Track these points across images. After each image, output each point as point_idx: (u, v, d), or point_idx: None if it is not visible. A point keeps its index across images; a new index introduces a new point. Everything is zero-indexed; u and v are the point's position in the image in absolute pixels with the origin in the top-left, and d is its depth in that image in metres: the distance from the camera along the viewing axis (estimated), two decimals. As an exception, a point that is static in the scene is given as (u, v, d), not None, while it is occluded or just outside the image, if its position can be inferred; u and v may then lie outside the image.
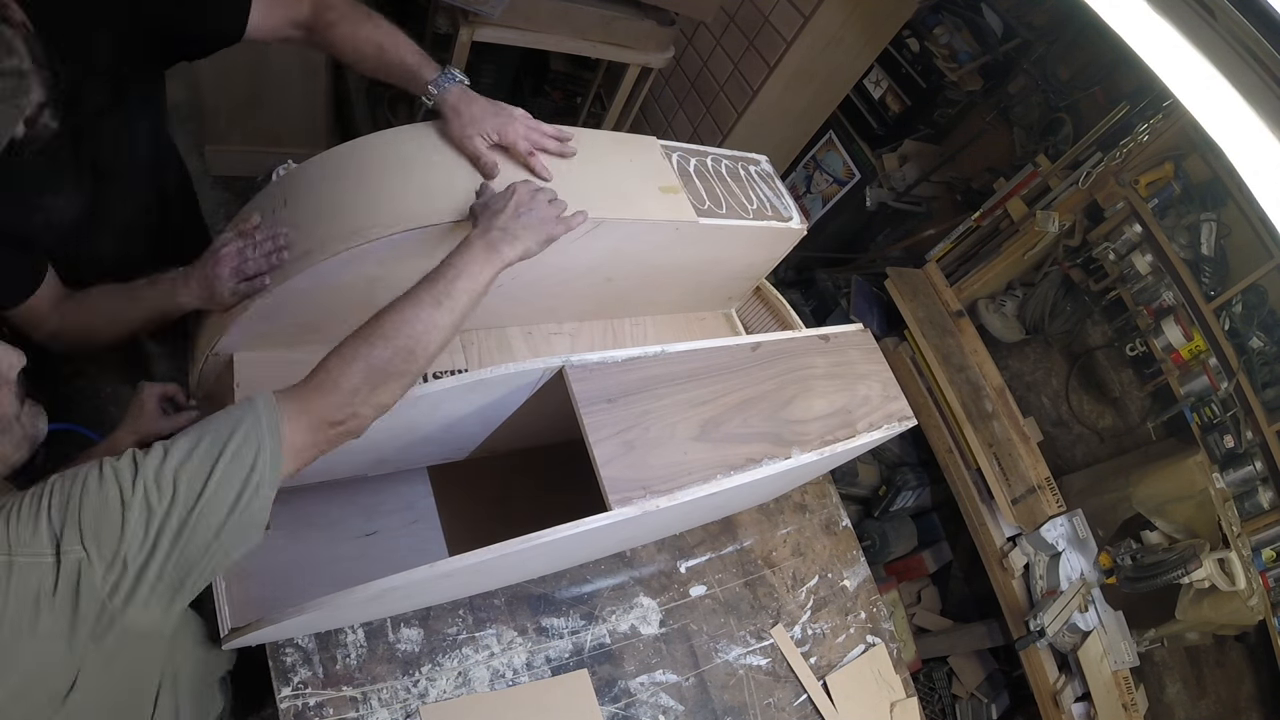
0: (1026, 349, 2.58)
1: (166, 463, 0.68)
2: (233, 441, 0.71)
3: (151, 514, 0.67)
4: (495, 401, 1.06)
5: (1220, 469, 1.99)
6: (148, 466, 0.68)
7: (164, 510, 0.67)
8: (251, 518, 0.72)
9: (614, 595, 1.36)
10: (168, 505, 0.67)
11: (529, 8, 2.17)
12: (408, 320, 0.82)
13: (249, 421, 0.73)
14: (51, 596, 0.63)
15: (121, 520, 0.65)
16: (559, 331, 1.42)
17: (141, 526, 0.66)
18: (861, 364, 1.39)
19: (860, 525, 2.53)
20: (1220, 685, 2.13)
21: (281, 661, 1.05)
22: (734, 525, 1.58)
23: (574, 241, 1.14)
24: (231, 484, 0.70)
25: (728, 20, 2.74)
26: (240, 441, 0.71)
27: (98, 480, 0.66)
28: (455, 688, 1.14)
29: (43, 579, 0.63)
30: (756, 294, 1.70)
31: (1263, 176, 0.86)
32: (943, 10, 2.78)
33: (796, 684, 1.46)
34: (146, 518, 0.67)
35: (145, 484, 0.67)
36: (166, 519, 0.67)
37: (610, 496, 0.94)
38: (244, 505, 0.71)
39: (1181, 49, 0.86)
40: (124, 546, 0.66)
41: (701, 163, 1.36)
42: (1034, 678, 2.17)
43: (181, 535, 0.68)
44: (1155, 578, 2.00)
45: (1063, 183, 2.42)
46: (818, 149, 3.14)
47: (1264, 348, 2.00)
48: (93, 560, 0.64)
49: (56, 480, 0.67)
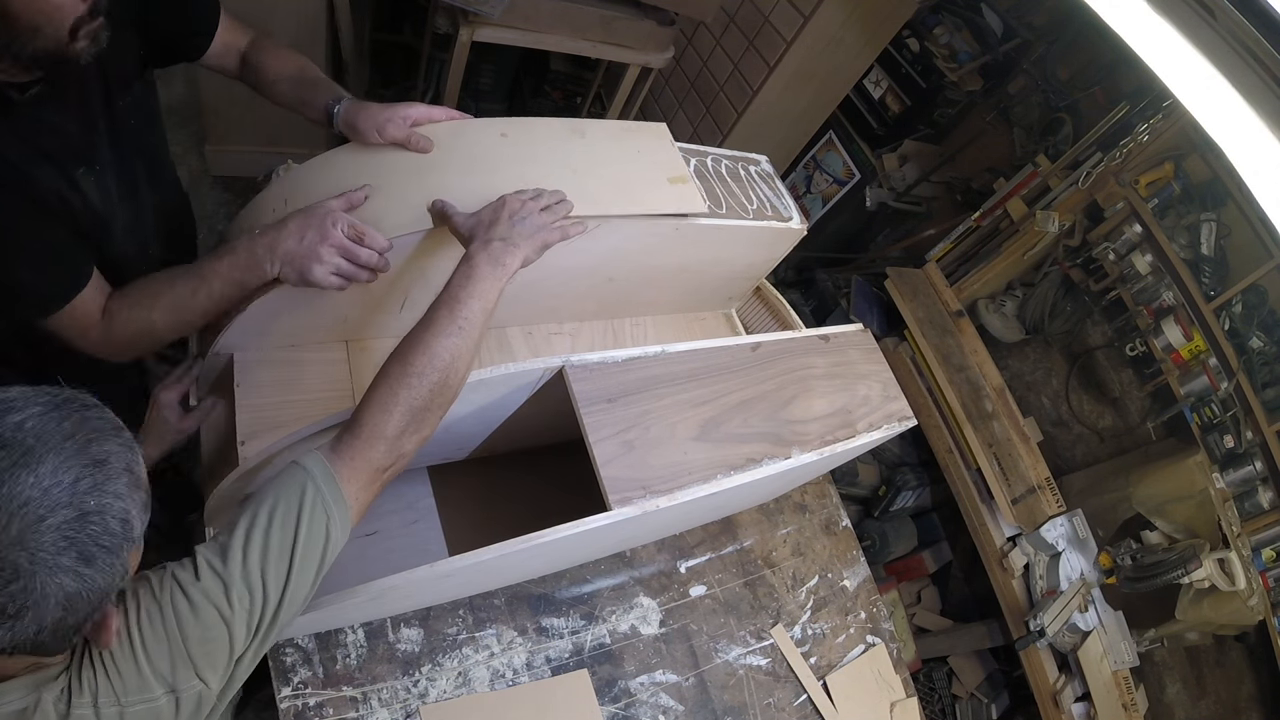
0: (1026, 349, 2.58)
1: (248, 563, 0.69)
2: (303, 521, 0.72)
3: (251, 617, 0.69)
4: (495, 401, 1.06)
5: (1220, 469, 1.99)
6: (232, 574, 0.68)
7: (259, 610, 0.69)
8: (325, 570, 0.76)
9: (614, 595, 1.36)
10: (262, 605, 0.69)
11: (529, 8, 2.17)
12: (435, 353, 0.82)
13: (310, 492, 0.74)
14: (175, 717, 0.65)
15: (229, 639, 0.68)
16: (559, 331, 1.42)
17: (247, 632, 0.69)
18: (861, 364, 1.39)
19: (860, 525, 2.53)
20: (1220, 685, 2.13)
21: (281, 661, 1.05)
22: (734, 525, 1.58)
23: (574, 242, 1.14)
24: (312, 561, 0.73)
25: (728, 20, 2.74)
26: (309, 517, 0.73)
27: (189, 608, 0.66)
28: (455, 688, 1.14)
29: (161, 713, 0.65)
30: (756, 294, 1.70)
31: (1263, 176, 0.86)
32: (943, 10, 2.78)
33: (796, 684, 1.46)
34: (248, 623, 0.69)
35: (238, 594, 0.68)
36: (263, 615, 0.69)
37: (610, 496, 0.94)
38: (324, 571, 0.75)
39: (1181, 49, 0.85)
40: (234, 654, 0.68)
41: (701, 163, 1.36)
42: (1034, 678, 2.17)
43: (278, 620, 0.71)
44: (1155, 578, 2.00)
45: (1063, 183, 2.42)
46: (818, 149, 3.15)
47: (1264, 348, 2.00)
48: (211, 685, 0.67)
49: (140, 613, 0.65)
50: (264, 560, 0.69)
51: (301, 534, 0.71)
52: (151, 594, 0.67)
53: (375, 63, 2.87)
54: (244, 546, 0.70)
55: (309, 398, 1.12)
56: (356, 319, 1.15)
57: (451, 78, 2.34)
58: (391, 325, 1.19)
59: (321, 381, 1.14)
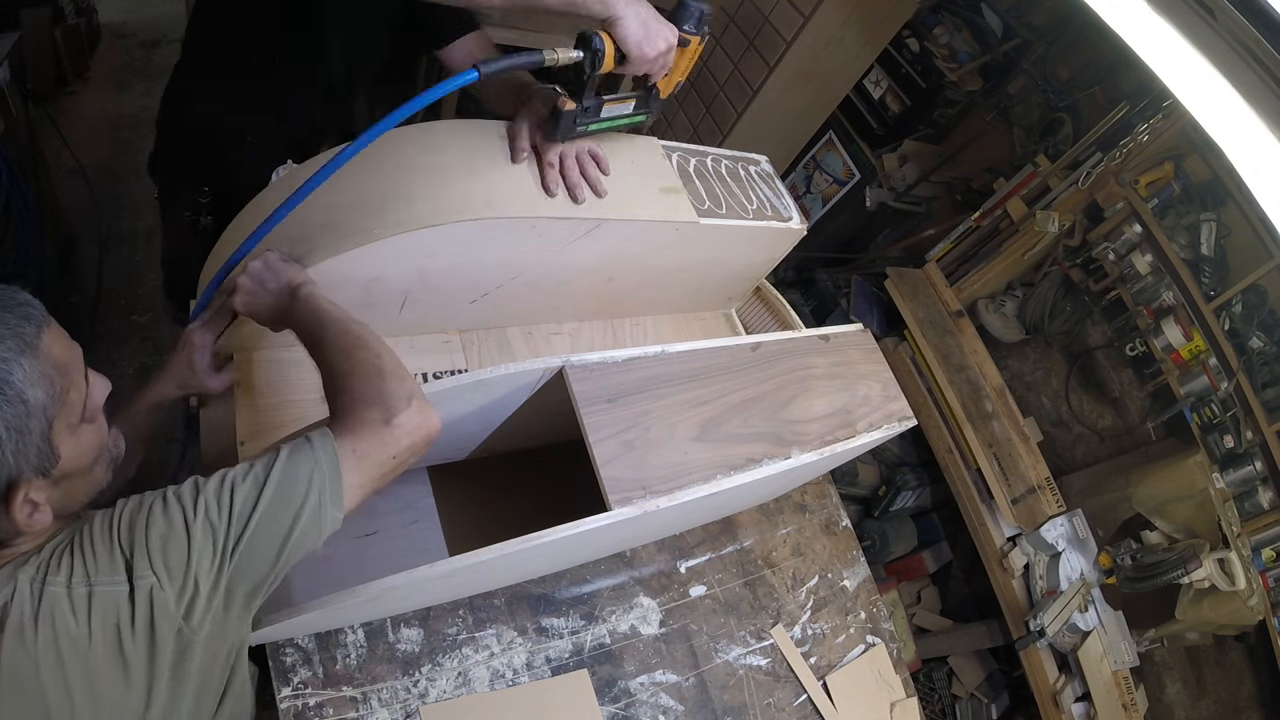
0: (1026, 349, 2.58)
1: (224, 483, 0.71)
2: (279, 459, 0.73)
3: (214, 530, 0.68)
4: (495, 401, 1.06)
5: (1220, 469, 1.99)
6: (208, 488, 0.70)
7: (225, 525, 0.69)
8: (318, 525, 0.74)
9: (614, 595, 1.36)
10: (227, 519, 0.69)
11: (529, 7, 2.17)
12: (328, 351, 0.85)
13: (298, 443, 0.75)
14: (132, 626, 0.65)
15: (188, 541, 0.67)
16: (559, 331, 1.42)
17: (208, 544, 0.68)
18: (861, 364, 1.39)
19: (860, 525, 2.53)
20: (1220, 685, 2.13)
21: (281, 661, 1.05)
22: (734, 525, 1.58)
23: (574, 242, 1.14)
24: (288, 494, 0.72)
25: (728, 20, 2.74)
26: (288, 457, 0.73)
27: (162, 506, 0.69)
28: (455, 688, 1.14)
29: (120, 609, 0.65)
30: (756, 294, 1.70)
31: (1263, 176, 0.86)
32: (943, 10, 2.78)
33: (796, 684, 1.46)
34: (211, 535, 0.68)
35: (206, 503, 0.69)
36: (228, 532, 0.69)
37: (610, 496, 0.94)
38: (307, 512, 0.73)
39: (1181, 49, 0.86)
40: (193, 566, 0.67)
41: (701, 163, 1.36)
42: (1034, 678, 2.17)
43: (240, 546, 0.70)
44: (1155, 578, 2.00)
45: (1063, 183, 2.42)
46: (818, 149, 3.15)
47: (1264, 348, 2.00)
48: (164, 585, 0.66)
49: (124, 506, 0.69)
50: (237, 483, 0.71)
51: (276, 468, 0.72)
52: (140, 495, 0.70)
53: (375, 63, 2.86)
54: (226, 471, 0.72)
55: (309, 398, 1.13)
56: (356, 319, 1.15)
57: (451, 78, 2.34)
58: (391, 325, 1.19)
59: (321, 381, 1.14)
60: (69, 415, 0.68)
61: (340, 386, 0.81)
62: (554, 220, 1.09)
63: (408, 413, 0.78)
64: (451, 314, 1.26)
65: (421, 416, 0.80)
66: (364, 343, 0.84)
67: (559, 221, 1.10)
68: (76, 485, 0.71)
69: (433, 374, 1.24)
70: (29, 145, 2.28)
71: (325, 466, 0.74)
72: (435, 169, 1.05)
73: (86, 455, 0.71)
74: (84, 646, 0.63)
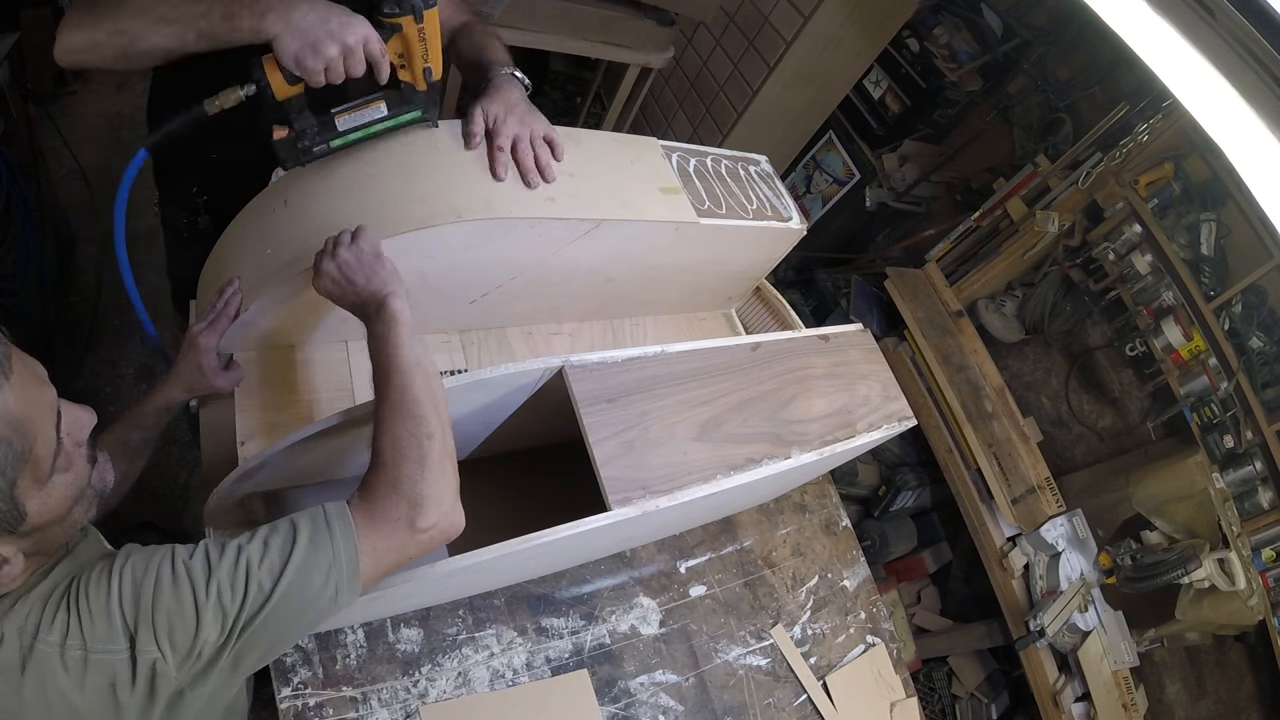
0: (1026, 349, 2.58)
1: (239, 563, 0.69)
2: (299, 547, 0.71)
3: (225, 615, 0.67)
4: (495, 401, 1.06)
5: (1220, 469, 1.99)
6: (222, 569, 0.68)
7: (234, 612, 0.68)
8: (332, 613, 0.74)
9: (614, 595, 1.36)
10: (237, 610, 0.68)
11: (529, 8, 2.18)
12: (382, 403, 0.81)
13: (318, 526, 0.73)
14: (130, 687, 0.64)
15: (196, 622, 0.66)
16: (559, 331, 1.42)
17: (217, 625, 0.67)
18: (861, 364, 1.39)
19: (860, 525, 2.53)
20: (1220, 685, 2.13)
21: (281, 661, 1.05)
22: (734, 525, 1.58)
23: (573, 242, 1.14)
24: (303, 597, 0.71)
25: (728, 20, 2.74)
26: (308, 548, 0.71)
27: (171, 579, 0.66)
28: (455, 688, 1.14)
29: (118, 673, 0.64)
30: (756, 294, 1.70)
31: (1263, 176, 0.85)
32: (943, 10, 2.78)
33: (796, 684, 1.46)
34: (221, 618, 0.67)
35: (219, 586, 0.67)
36: (236, 621, 0.68)
37: (610, 496, 0.94)
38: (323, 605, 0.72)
39: (1181, 49, 0.85)
40: (199, 644, 0.67)
41: (701, 163, 1.36)
42: (1034, 678, 2.17)
43: (248, 633, 0.69)
44: (1155, 578, 2.00)
45: (1062, 183, 2.42)
46: (818, 149, 3.15)
47: (1264, 348, 2.00)
48: (168, 660, 0.65)
49: (125, 566, 0.67)
50: (253, 568, 0.69)
51: (298, 554, 0.70)
52: (145, 555, 0.68)
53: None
54: (241, 547, 0.70)
55: (309, 398, 1.12)
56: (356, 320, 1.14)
57: (451, 78, 2.34)
58: (391, 325, 1.19)
59: (321, 381, 1.14)
60: (36, 470, 0.63)
61: (382, 453, 0.78)
62: (554, 220, 1.09)
63: (436, 519, 0.76)
64: (451, 314, 1.26)
65: (449, 521, 0.78)
66: (420, 416, 0.80)
67: (559, 222, 1.10)
68: (51, 532, 0.68)
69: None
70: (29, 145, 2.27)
71: (344, 561, 0.72)
72: (434, 169, 1.05)
73: (59, 506, 0.66)
74: (75, 700, 0.62)
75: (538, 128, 1.11)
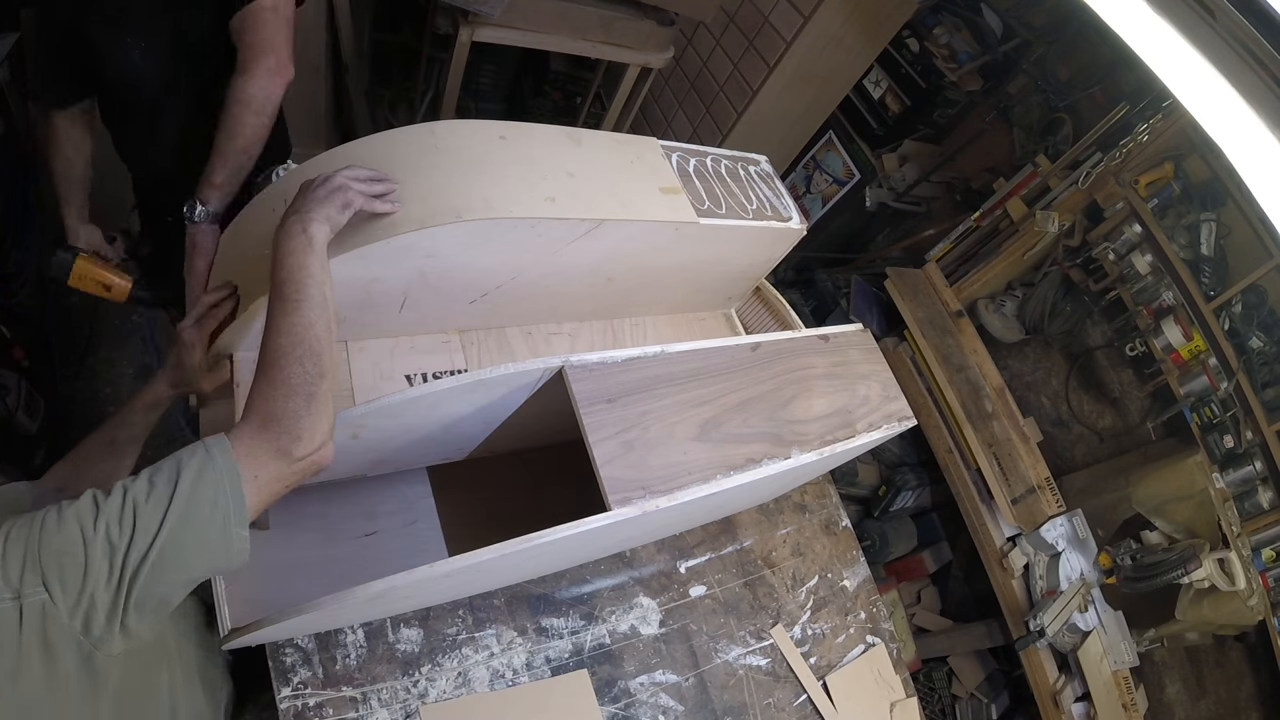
0: (1026, 349, 2.58)
1: (126, 501, 0.69)
2: (184, 479, 0.71)
3: (114, 550, 0.67)
4: (495, 401, 1.06)
5: (1220, 469, 2.00)
6: (110, 506, 0.68)
7: (125, 545, 0.67)
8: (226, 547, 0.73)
9: (614, 595, 1.36)
10: (126, 546, 0.67)
11: (529, 8, 2.18)
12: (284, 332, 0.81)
13: (200, 458, 0.73)
14: (18, 640, 0.64)
15: (85, 559, 0.66)
16: (559, 331, 1.42)
17: (105, 562, 0.66)
18: (861, 364, 1.39)
19: (860, 525, 2.53)
20: (1220, 685, 2.14)
21: (281, 662, 1.05)
22: (734, 525, 1.58)
23: (573, 242, 1.14)
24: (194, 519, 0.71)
25: (728, 20, 2.74)
26: (193, 479, 0.71)
27: (56, 522, 0.67)
28: (455, 688, 1.14)
29: (7, 624, 0.63)
30: (756, 294, 1.70)
31: (1263, 176, 0.86)
32: (943, 10, 2.78)
33: (796, 684, 1.46)
34: (109, 553, 0.67)
35: (108, 522, 0.67)
36: (128, 554, 0.67)
37: (610, 496, 0.94)
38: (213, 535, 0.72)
39: (1181, 49, 0.85)
40: (90, 583, 0.66)
41: (701, 163, 1.36)
42: (1034, 678, 2.17)
43: (143, 568, 0.68)
44: (1155, 578, 2.00)
45: (1062, 183, 2.43)
46: (818, 149, 3.15)
47: (1264, 348, 2.00)
48: (57, 602, 0.65)
49: (16, 522, 0.67)
50: (139, 503, 0.69)
51: (182, 489, 0.70)
52: (33, 513, 0.68)
53: (375, 63, 2.87)
54: (126, 488, 0.70)
55: (309, 398, 1.12)
56: (356, 319, 1.15)
57: (451, 78, 2.35)
58: (391, 325, 1.19)
59: (321, 381, 1.14)
60: None
61: (271, 384, 0.79)
62: (554, 220, 1.09)
63: (310, 450, 0.78)
64: (451, 314, 1.26)
65: (322, 454, 0.80)
66: (318, 354, 0.81)
67: (559, 222, 1.10)
68: None
69: (433, 374, 1.24)
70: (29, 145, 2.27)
71: (228, 488, 0.72)
72: (435, 169, 1.05)
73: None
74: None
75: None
